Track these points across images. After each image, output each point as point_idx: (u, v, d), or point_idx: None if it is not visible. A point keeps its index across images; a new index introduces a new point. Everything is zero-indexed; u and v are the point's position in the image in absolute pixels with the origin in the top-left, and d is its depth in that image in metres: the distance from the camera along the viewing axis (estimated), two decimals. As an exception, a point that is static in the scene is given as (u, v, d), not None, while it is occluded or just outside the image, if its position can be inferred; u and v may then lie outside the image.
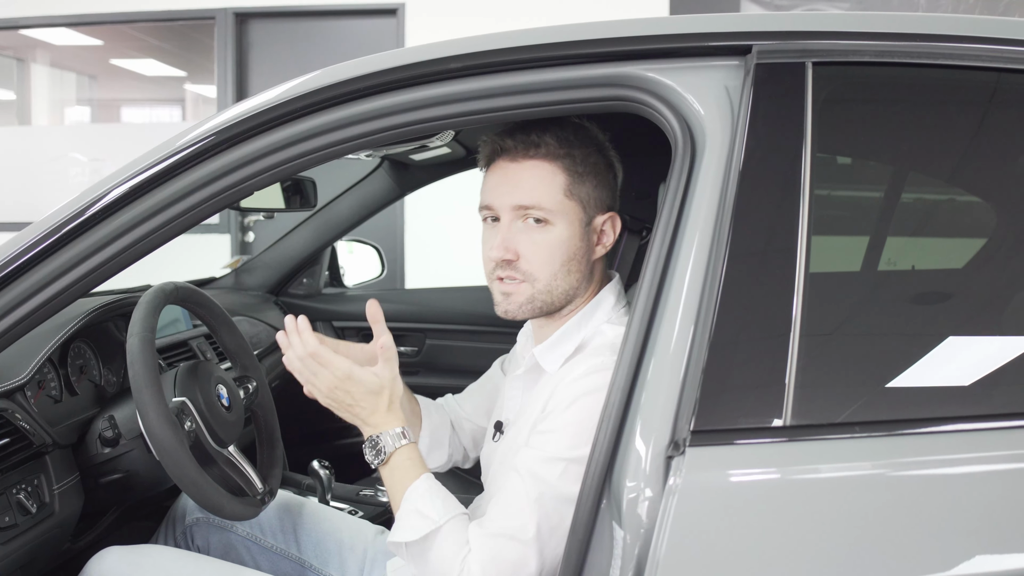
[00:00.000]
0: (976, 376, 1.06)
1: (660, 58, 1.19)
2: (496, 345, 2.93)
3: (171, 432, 1.37)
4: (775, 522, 0.99)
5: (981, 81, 1.16)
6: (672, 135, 1.17)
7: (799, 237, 1.06)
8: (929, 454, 1.00)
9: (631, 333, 1.11)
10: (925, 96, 1.18)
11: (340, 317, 2.90)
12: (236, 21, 5.38)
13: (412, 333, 2.93)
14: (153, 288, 1.54)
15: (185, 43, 6.18)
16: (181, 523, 1.72)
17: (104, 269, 1.24)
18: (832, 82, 1.14)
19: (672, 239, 1.13)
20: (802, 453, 1.01)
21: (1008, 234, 1.16)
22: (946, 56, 1.14)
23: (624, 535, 1.04)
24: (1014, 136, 1.18)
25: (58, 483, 1.45)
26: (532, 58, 1.22)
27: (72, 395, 1.62)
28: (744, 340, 1.05)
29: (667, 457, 1.02)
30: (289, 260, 2.77)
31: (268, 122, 1.24)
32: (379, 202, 2.66)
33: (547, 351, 1.36)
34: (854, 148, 1.21)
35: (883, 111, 1.19)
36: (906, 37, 1.16)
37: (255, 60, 5.50)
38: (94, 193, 1.23)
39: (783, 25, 1.18)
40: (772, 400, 1.02)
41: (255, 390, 1.72)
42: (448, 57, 1.23)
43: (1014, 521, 0.98)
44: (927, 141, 1.18)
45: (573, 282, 1.34)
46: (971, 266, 1.16)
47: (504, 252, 1.32)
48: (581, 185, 1.32)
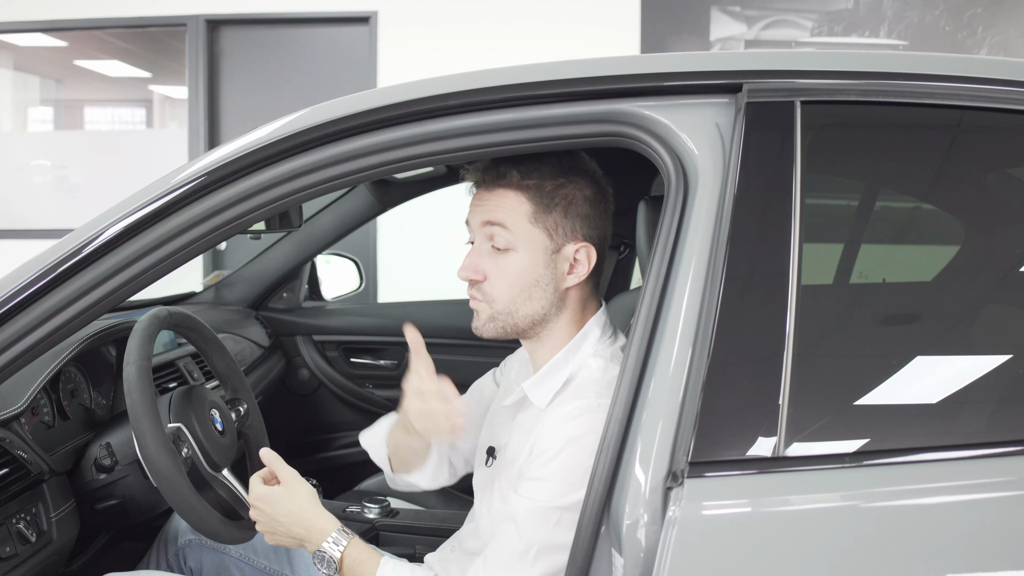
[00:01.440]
0: (979, 401, 1.11)
1: (653, 95, 1.22)
2: (475, 358, 2.96)
3: (169, 460, 1.38)
4: (773, 551, 1.03)
5: (953, 117, 1.21)
6: (665, 170, 1.21)
7: (791, 271, 1.10)
8: (934, 481, 1.04)
9: (628, 366, 1.15)
10: (907, 132, 1.23)
11: (320, 331, 2.91)
12: (208, 28, 5.35)
13: (391, 347, 2.95)
14: (147, 315, 1.55)
15: (150, 44, 6.12)
16: (173, 544, 1.73)
17: (98, 307, 1.24)
18: (820, 120, 1.19)
19: (667, 273, 1.16)
20: (798, 483, 1.05)
21: (969, 252, 1.22)
22: (924, 95, 1.19)
23: (623, 563, 1.07)
24: (984, 165, 1.24)
25: (55, 510, 1.46)
26: (529, 95, 1.24)
27: (64, 420, 1.63)
28: (741, 372, 1.09)
29: (666, 488, 1.06)
30: (270, 275, 2.78)
31: (258, 161, 1.26)
32: (360, 218, 2.69)
33: (536, 386, 1.39)
34: (841, 184, 1.25)
35: (868, 146, 1.23)
36: (888, 76, 1.20)
37: (226, 67, 5.48)
38: (89, 232, 1.24)
39: (772, 64, 1.22)
40: (768, 430, 1.06)
41: (246, 413, 1.74)
42: (447, 94, 1.26)
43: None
44: (910, 175, 1.23)
45: (536, 308, 1.37)
46: (939, 286, 1.21)
47: (471, 272, 1.37)
48: (547, 214, 1.34)
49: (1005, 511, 1.04)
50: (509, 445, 1.43)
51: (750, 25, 5.02)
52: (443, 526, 2.09)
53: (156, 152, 5.70)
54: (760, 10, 5.01)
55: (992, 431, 1.10)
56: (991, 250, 1.23)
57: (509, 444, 1.43)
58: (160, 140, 6.00)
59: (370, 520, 2.12)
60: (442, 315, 3.03)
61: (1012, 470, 1.06)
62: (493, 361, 2.95)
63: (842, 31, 4.94)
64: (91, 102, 7.95)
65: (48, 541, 1.43)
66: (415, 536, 2.06)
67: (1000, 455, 1.06)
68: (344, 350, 2.94)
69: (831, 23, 4.96)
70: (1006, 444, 1.07)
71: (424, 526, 2.09)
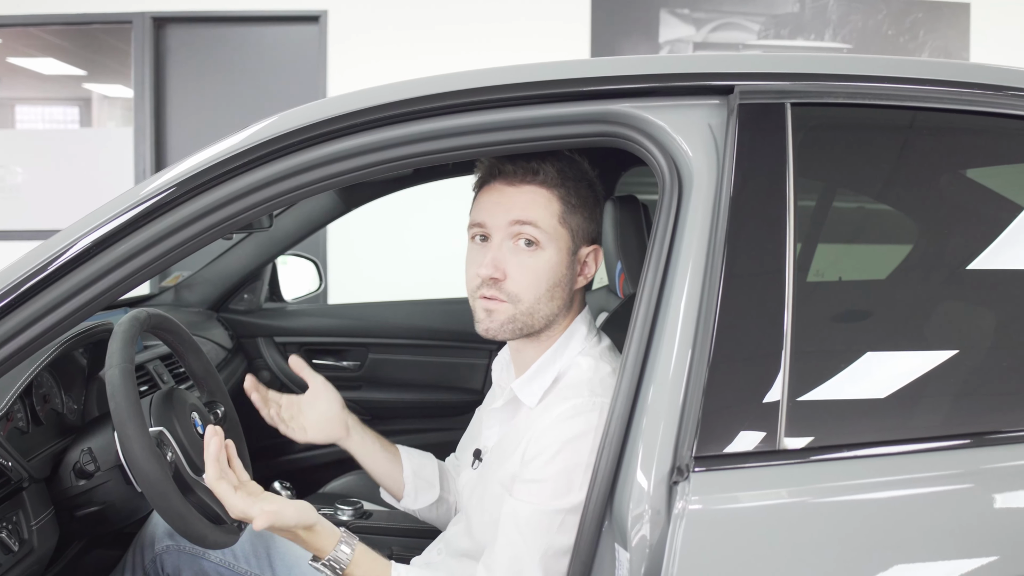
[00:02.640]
0: (984, 392, 1.15)
1: (647, 96, 1.24)
2: (438, 359, 2.97)
3: (156, 465, 1.36)
4: (779, 540, 1.05)
5: (938, 119, 1.25)
6: (659, 171, 1.22)
7: (787, 264, 1.13)
8: (928, 471, 1.08)
9: (628, 363, 1.16)
10: (892, 132, 1.27)
11: (281, 332, 2.88)
12: (154, 25, 5.25)
13: (354, 348, 2.94)
14: (127, 317, 1.52)
15: (86, 41, 5.97)
16: (150, 551, 1.69)
17: (68, 321, 1.22)
18: (810, 121, 1.21)
19: (665, 269, 1.18)
20: (802, 474, 1.07)
21: (927, 246, 1.26)
22: (908, 97, 1.23)
23: (629, 557, 1.08)
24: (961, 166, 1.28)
25: (35, 519, 1.42)
26: (524, 96, 1.25)
27: (38, 425, 1.58)
28: (742, 366, 1.11)
29: (672, 483, 1.07)
30: (231, 276, 2.74)
31: (231, 170, 1.24)
32: (324, 218, 2.66)
33: (525, 385, 1.39)
34: (832, 182, 1.28)
35: (856, 146, 1.27)
36: (875, 79, 1.24)
37: (173, 65, 5.37)
38: (55, 247, 1.21)
39: (762, 66, 1.25)
40: (769, 424, 1.08)
41: (224, 415, 1.72)
42: (442, 93, 1.26)
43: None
44: (897, 176, 1.27)
45: (555, 308, 1.37)
46: (900, 280, 1.25)
47: (493, 270, 1.34)
48: (573, 216, 1.36)
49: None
50: (498, 445, 1.43)
51: (698, 27, 5.10)
52: (417, 526, 2.08)
53: (98, 152, 5.57)
54: (708, 12, 5.08)
55: (996, 421, 1.14)
56: (950, 249, 1.27)
57: (498, 444, 1.44)
58: (102, 140, 5.86)
59: (344, 522, 2.10)
60: (402, 315, 3.04)
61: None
62: (450, 361, 2.98)
63: (788, 34, 5.03)
64: (23, 100, 7.73)
65: (30, 550, 1.39)
66: (390, 537, 2.05)
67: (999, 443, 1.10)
68: (306, 351, 2.91)
69: (778, 26, 5.05)
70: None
71: (398, 527, 2.08)
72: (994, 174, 1.29)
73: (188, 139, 5.36)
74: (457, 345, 2.94)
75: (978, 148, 1.29)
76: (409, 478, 1.65)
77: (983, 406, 1.16)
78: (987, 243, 1.22)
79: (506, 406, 1.44)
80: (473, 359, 2.93)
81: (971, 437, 1.11)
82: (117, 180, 5.35)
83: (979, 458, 1.11)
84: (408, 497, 1.66)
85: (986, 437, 1.11)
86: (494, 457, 1.43)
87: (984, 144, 1.28)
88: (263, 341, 2.85)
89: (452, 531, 1.54)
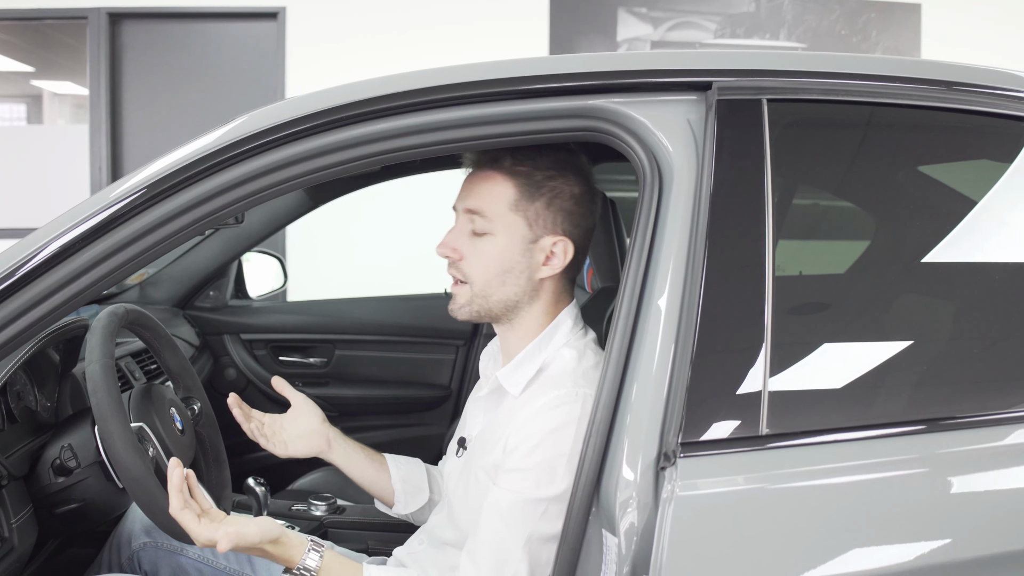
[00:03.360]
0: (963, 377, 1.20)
1: (627, 92, 1.27)
2: (405, 354, 2.99)
3: (139, 460, 1.36)
4: (765, 522, 1.09)
5: (909, 116, 1.29)
6: (640, 166, 1.25)
7: (766, 257, 1.17)
8: (904, 454, 1.12)
9: (612, 353, 1.19)
10: (864, 129, 1.31)
11: (248, 329, 2.87)
12: (109, 21, 5.18)
13: (321, 344, 2.94)
14: (105, 312, 1.51)
15: (34, 37, 5.88)
16: (127, 548, 1.69)
17: (44, 321, 1.21)
18: (785, 117, 1.25)
19: (647, 262, 1.21)
20: (783, 458, 1.11)
21: (884, 240, 1.30)
22: (881, 94, 1.27)
23: (618, 542, 1.11)
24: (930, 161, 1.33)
25: (15, 516, 1.41)
26: (506, 91, 1.27)
27: (12, 423, 1.57)
28: (725, 356, 1.14)
29: (659, 468, 1.10)
30: (196, 273, 2.73)
31: (202, 171, 1.23)
32: (291, 214, 2.65)
33: (510, 374, 1.41)
34: (808, 175, 1.32)
35: (829, 141, 1.30)
36: (848, 76, 1.27)
37: (129, 62, 5.30)
38: (29, 249, 1.20)
39: (739, 63, 1.28)
40: (752, 411, 1.12)
41: (200, 411, 1.71)
42: (421, 89, 1.27)
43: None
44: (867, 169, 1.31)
45: (510, 293, 1.39)
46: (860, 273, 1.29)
47: (447, 250, 1.41)
48: (530, 203, 1.37)
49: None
50: (481, 434, 1.45)
51: (656, 26, 5.15)
52: (391, 521, 2.08)
53: (51, 149, 5.47)
54: (665, 12, 5.14)
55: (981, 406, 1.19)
56: (912, 243, 1.31)
57: (481, 433, 1.45)
58: (56, 137, 5.76)
59: (318, 518, 2.11)
60: (369, 311, 3.04)
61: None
62: (417, 357, 3.00)
63: (744, 33, 5.12)
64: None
65: (10, 548, 1.38)
66: (364, 532, 2.06)
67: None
68: (272, 348, 2.90)
69: (734, 25, 5.13)
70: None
71: (373, 521, 2.09)
72: (957, 170, 1.34)
73: (145, 136, 5.30)
74: (424, 341, 2.96)
75: (939, 145, 1.34)
76: (398, 485, 1.66)
77: (939, 393, 1.20)
78: (943, 236, 1.27)
79: (491, 395, 1.46)
80: (440, 355, 2.95)
81: (927, 423, 1.16)
82: (72, 178, 5.27)
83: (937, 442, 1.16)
84: (399, 504, 1.67)
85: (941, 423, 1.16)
86: (478, 445, 1.44)
87: (944, 141, 1.33)
88: (230, 338, 2.83)
89: (434, 520, 1.56)
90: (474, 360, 2.94)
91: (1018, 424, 1.16)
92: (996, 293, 1.25)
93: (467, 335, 2.93)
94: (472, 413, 1.52)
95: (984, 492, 1.14)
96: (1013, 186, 1.30)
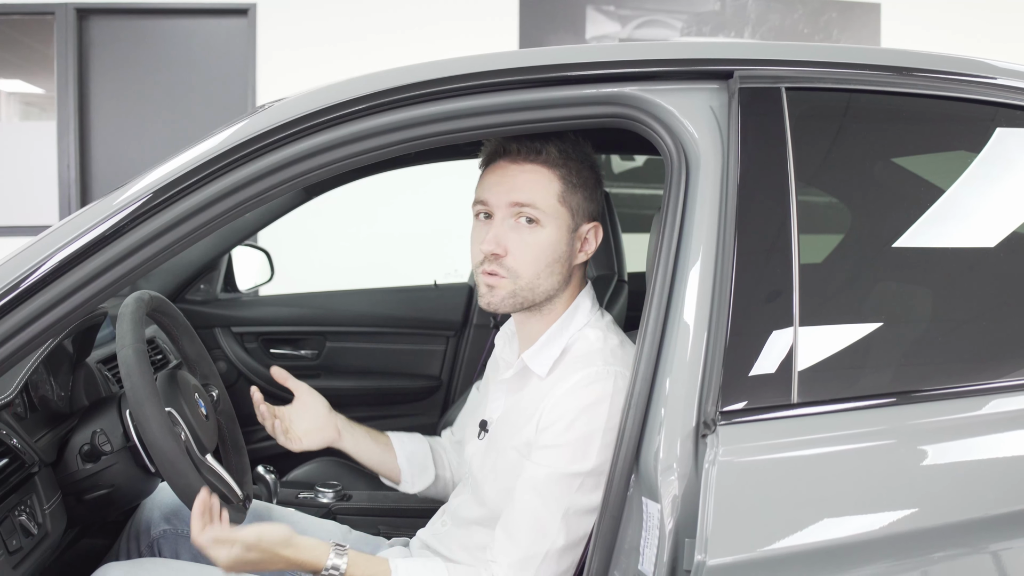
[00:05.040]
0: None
1: (653, 80, 1.32)
2: (396, 346, 3.01)
3: (174, 444, 1.38)
4: (801, 481, 1.15)
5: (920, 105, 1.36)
6: (667, 152, 1.30)
7: (792, 236, 1.23)
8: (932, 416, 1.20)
9: (647, 331, 1.24)
10: (878, 117, 1.37)
11: (239, 322, 2.88)
12: (77, 17, 5.12)
13: (312, 336, 2.95)
14: (132, 298, 1.53)
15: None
16: (146, 536, 1.70)
17: (51, 330, 1.22)
18: (803, 104, 1.31)
19: (678, 243, 1.27)
20: (816, 424, 1.18)
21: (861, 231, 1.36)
22: (892, 84, 1.34)
23: (660, 508, 1.16)
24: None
25: (47, 503, 1.42)
26: (537, 78, 1.31)
27: (34, 411, 1.58)
28: (757, 331, 1.20)
29: (700, 436, 1.16)
30: (188, 266, 2.72)
31: (216, 170, 1.24)
32: (284, 206, 2.65)
33: (535, 355, 1.45)
34: (826, 161, 1.38)
35: (843, 128, 1.37)
36: (860, 67, 1.34)
37: (97, 59, 5.24)
38: (52, 247, 1.21)
39: (759, 53, 1.34)
40: (784, 381, 1.18)
41: (218, 398, 1.73)
42: (457, 76, 1.31)
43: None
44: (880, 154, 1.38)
45: (555, 283, 1.44)
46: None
47: (495, 247, 1.40)
48: (573, 195, 1.43)
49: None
50: (505, 415, 1.49)
51: (624, 24, 5.23)
52: (399, 506, 2.13)
53: (16, 147, 5.38)
54: (633, 10, 5.22)
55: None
56: (883, 229, 1.37)
57: (505, 414, 1.49)
58: (19, 134, 5.66)
59: (325, 505, 2.13)
60: (360, 303, 3.06)
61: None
62: (407, 348, 3.02)
63: (710, 31, 5.21)
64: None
65: (44, 534, 1.40)
66: (373, 517, 2.09)
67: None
68: (263, 341, 2.91)
69: (700, 23, 5.23)
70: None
71: (381, 507, 2.12)
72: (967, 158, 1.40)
73: (113, 133, 5.24)
74: (414, 332, 2.98)
75: (922, 134, 1.41)
76: (404, 465, 1.70)
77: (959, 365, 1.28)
78: (921, 224, 1.33)
79: (515, 377, 1.49)
80: (430, 345, 2.98)
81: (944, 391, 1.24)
82: (39, 176, 5.20)
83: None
84: (406, 482, 1.71)
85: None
86: (503, 426, 1.48)
87: (923, 131, 1.40)
88: (220, 331, 2.84)
89: (456, 502, 1.59)
90: (464, 351, 2.98)
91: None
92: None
93: (457, 326, 2.97)
94: (494, 396, 1.56)
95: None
96: (985, 175, 1.37)
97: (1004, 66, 1.39)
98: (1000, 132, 1.37)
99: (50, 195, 5.19)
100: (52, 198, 5.21)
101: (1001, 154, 1.38)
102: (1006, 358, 1.28)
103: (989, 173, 1.37)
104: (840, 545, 1.14)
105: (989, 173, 1.37)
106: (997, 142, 1.37)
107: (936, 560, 1.16)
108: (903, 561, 1.15)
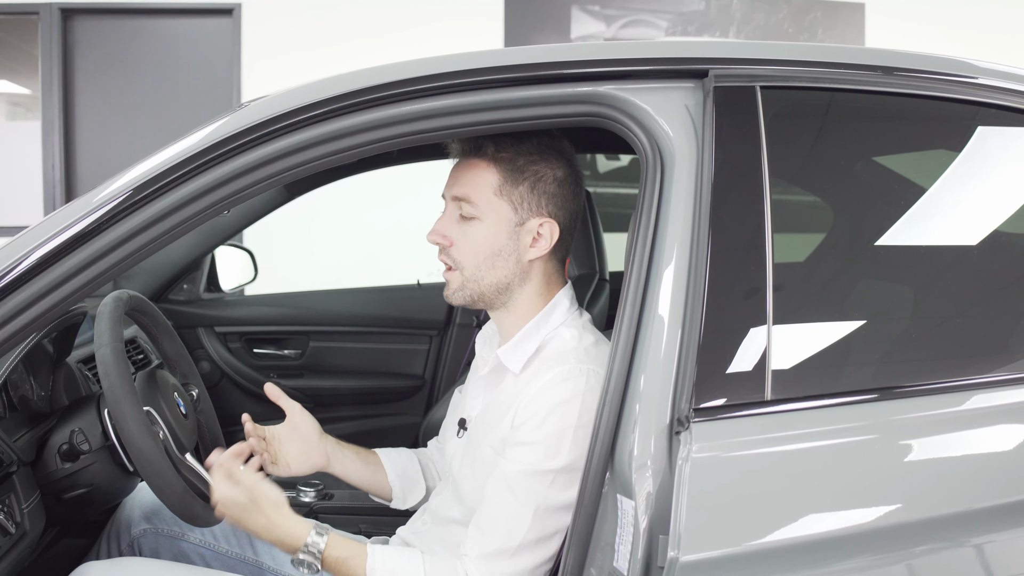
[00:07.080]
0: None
1: (628, 79, 1.32)
2: (379, 345, 3.01)
3: (152, 443, 1.38)
4: (774, 478, 1.16)
5: (892, 104, 1.37)
6: (642, 151, 1.31)
7: (766, 234, 1.24)
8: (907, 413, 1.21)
9: (622, 328, 1.24)
10: (852, 115, 1.38)
11: (222, 322, 2.88)
12: (62, 17, 5.10)
13: (295, 336, 2.95)
14: (111, 297, 1.53)
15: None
16: (127, 535, 1.70)
17: (30, 328, 1.21)
18: (778, 103, 1.32)
19: (653, 240, 1.27)
20: (789, 421, 1.18)
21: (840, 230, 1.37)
22: (866, 83, 1.35)
23: (634, 505, 1.17)
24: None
25: (25, 502, 1.42)
26: (512, 77, 1.31)
27: (13, 411, 1.58)
28: (730, 326, 1.21)
29: (674, 433, 1.16)
30: (171, 266, 2.72)
31: (222, 154, 1.25)
32: (267, 206, 2.66)
33: (509, 352, 1.46)
34: (800, 159, 1.39)
35: (818, 127, 1.38)
36: (834, 66, 1.35)
37: (81, 58, 5.23)
38: (25, 248, 1.20)
39: (734, 52, 1.35)
40: (757, 379, 1.19)
41: (198, 397, 1.73)
42: (432, 75, 1.31)
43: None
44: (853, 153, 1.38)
45: (500, 276, 1.44)
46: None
47: (438, 237, 1.45)
48: (515, 187, 1.42)
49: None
50: (483, 413, 1.50)
51: (608, 24, 5.24)
52: (381, 505, 2.13)
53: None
54: (618, 10, 5.23)
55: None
56: (860, 227, 1.38)
57: (483, 412, 1.50)
58: (4, 136, 5.64)
59: (307, 504, 2.14)
60: (343, 303, 3.07)
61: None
62: (390, 347, 3.03)
63: (695, 31, 5.23)
64: None
65: (23, 533, 1.39)
66: (355, 517, 2.09)
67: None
68: (246, 341, 2.91)
69: (684, 23, 5.24)
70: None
71: (363, 506, 2.12)
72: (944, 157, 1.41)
73: (98, 133, 5.23)
74: (397, 331, 2.99)
75: (900, 133, 1.42)
76: (395, 482, 1.69)
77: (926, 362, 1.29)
78: (897, 222, 1.34)
79: (491, 374, 1.50)
80: (413, 344, 2.98)
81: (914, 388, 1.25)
82: (23, 176, 5.19)
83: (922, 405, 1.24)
84: (397, 499, 1.71)
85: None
86: (480, 424, 1.49)
87: (902, 130, 1.41)
88: (204, 331, 2.84)
89: (436, 501, 1.59)
90: (447, 350, 2.98)
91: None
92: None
93: (440, 325, 2.97)
94: (472, 394, 1.56)
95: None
96: (966, 172, 1.38)
97: (985, 65, 1.39)
98: (981, 131, 1.38)
99: (35, 195, 5.18)
100: (37, 198, 5.20)
101: (982, 153, 1.38)
102: (983, 355, 1.29)
103: (969, 171, 1.38)
104: (813, 541, 1.14)
105: (969, 171, 1.38)
106: (978, 141, 1.38)
107: (917, 555, 1.17)
108: (876, 557, 1.16)
